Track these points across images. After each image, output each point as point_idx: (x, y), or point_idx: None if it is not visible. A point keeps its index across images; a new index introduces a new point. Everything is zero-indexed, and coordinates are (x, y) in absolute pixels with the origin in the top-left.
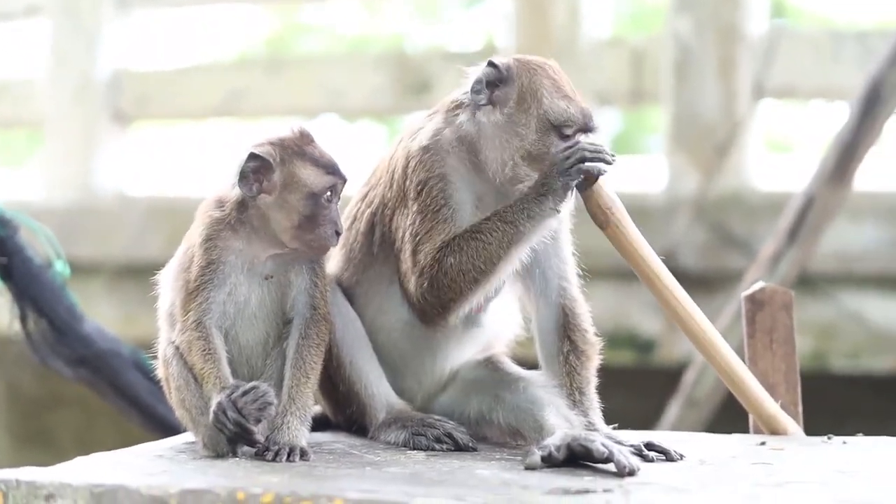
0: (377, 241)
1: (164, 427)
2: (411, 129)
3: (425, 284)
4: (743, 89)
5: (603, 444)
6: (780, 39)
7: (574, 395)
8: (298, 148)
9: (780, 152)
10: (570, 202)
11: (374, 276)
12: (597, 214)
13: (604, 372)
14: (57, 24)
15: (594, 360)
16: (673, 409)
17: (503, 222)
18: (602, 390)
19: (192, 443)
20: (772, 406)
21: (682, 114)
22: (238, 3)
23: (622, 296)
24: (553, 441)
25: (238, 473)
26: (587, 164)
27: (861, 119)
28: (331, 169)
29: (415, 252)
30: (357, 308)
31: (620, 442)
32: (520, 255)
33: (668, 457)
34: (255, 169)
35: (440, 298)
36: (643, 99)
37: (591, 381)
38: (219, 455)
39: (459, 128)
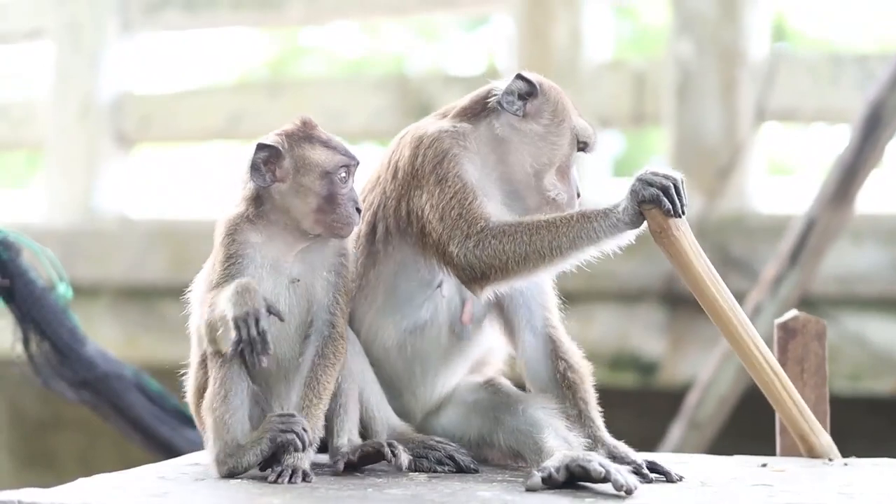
0: (380, 238)
1: (167, 449)
2: (415, 128)
3: (471, 245)
4: (744, 112)
5: (600, 464)
6: (781, 62)
7: (579, 406)
8: (304, 133)
9: (782, 175)
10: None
11: (370, 285)
12: (653, 228)
13: (606, 394)
14: (60, 46)
15: (590, 379)
16: (675, 431)
17: (582, 219)
18: (605, 412)
19: (196, 464)
20: (809, 427)
21: (684, 136)
22: (239, 26)
23: (624, 318)
24: (552, 463)
25: (239, 495)
26: (664, 197)
27: (862, 142)
28: (342, 150)
29: (451, 220)
30: (351, 325)
31: (624, 458)
32: (581, 257)
33: (668, 478)
34: (266, 159)
35: (484, 262)
36: (644, 121)
37: (593, 395)
38: (229, 474)
39: (488, 129)
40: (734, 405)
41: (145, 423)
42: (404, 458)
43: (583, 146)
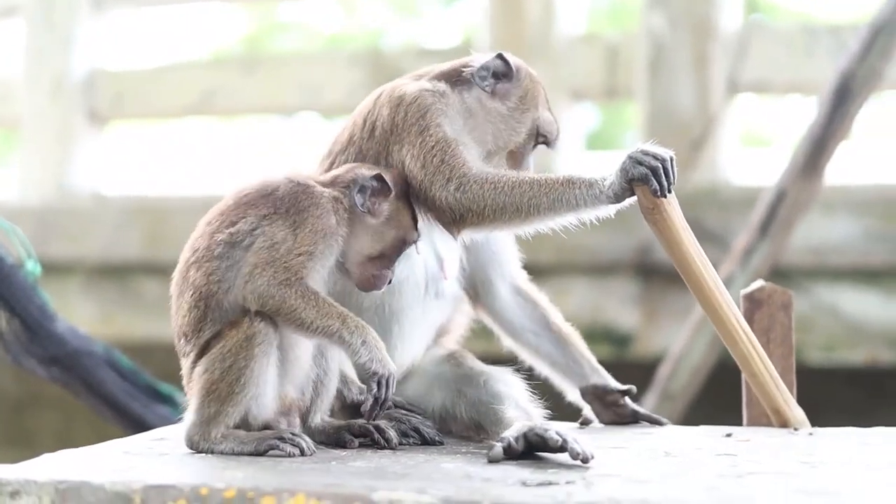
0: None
1: (139, 425)
2: (391, 87)
3: (452, 188)
4: (717, 84)
5: (557, 433)
6: (754, 34)
7: (571, 340)
8: (404, 190)
9: (758, 147)
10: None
11: None
12: (644, 204)
13: None
14: (32, 24)
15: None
16: (648, 403)
17: (567, 183)
18: None
19: (162, 439)
20: (783, 401)
21: (657, 109)
22: (214, 1)
23: (598, 291)
24: (511, 433)
25: (203, 469)
26: (653, 177)
27: (831, 113)
28: (417, 224)
29: (434, 167)
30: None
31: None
32: (558, 221)
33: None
34: (375, 190)
35: (463, 205)
36: (618, 95)
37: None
38: (199, 449)
39: (460, 96)
40: (706, 377)
41: (117, 399)
42: (392, 435)
43: (543, 139)
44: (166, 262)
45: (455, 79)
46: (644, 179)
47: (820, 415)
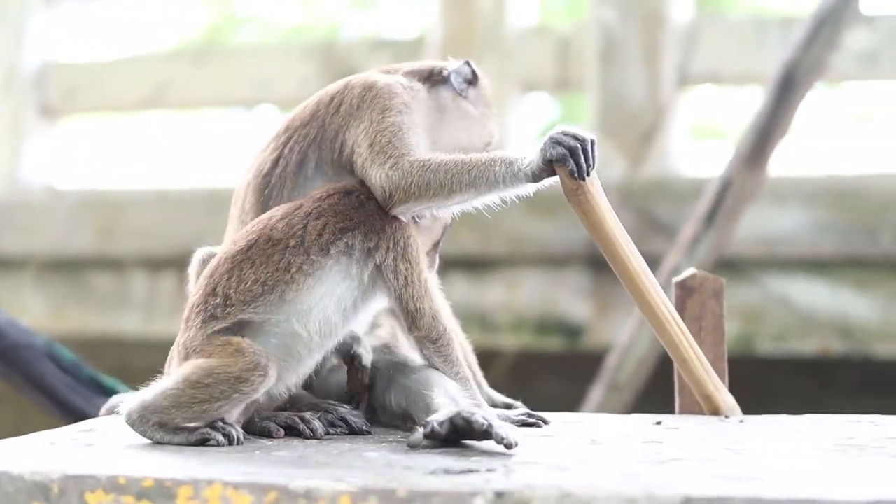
0: (311, 168)
1: (81, 418)
2: (364, 76)
3: (387, 166)
4: (668, 76)
5: (484, 417)
6: (705, 26)
7: (470, 363)
8: None
9: (710, 139)
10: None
11: None
12: (566, 186)
13: (533, 358)
14: None
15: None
16: (595, 394)
17: (488, 162)
18: (533, 375)
19: (89, 430)
20: (713, 387)
21: (608, 101)
22: None
23: (550, 282)
24: (437, 417)
25: (124, 459)
26: (571, 158)
27: (776, 103)
28: None
29: (380, 146)
30: None
31: (508, 415)
32: (480, 199)
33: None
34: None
35: (392, 182)
36: (569, 86)
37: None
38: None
39: (434, 95)
40: (653, 367)
41: (58, 392)
42: (318, 425)
43: (487, 144)
44: (119, 257)
45: (427, 77)
46: (562, 160)
47: (770, 405)
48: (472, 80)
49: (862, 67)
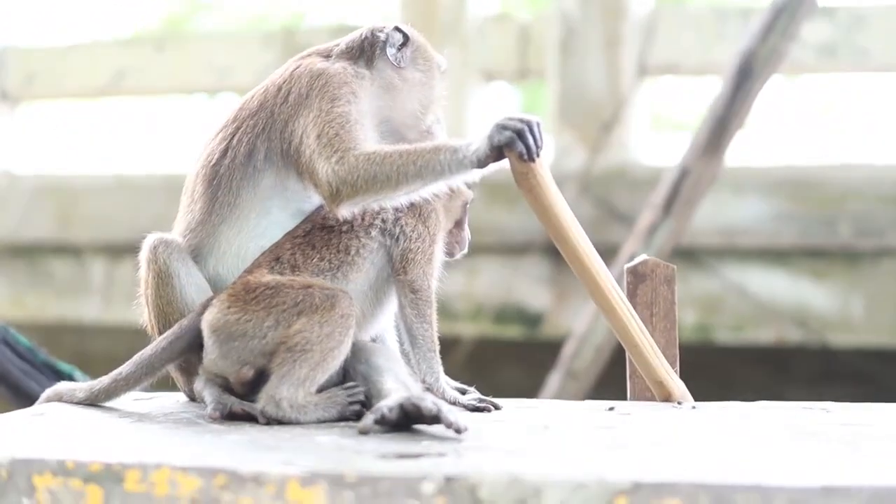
0: (260, 159)
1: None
2: (309, 63)
3: (333, 161)
4: (627, 66)
5: (433, 402)
6: (664, 17)
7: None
8: None
9: (669, 129)
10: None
11: (242, 206)
12: (516, 170)
13: (493, 345)
14: None
15: None
16: (553, 381)
17: (433, 151)
18: (491, 363)
19: (41, 414)
20: (665, 372)
21: (568, 91)
22: None
23: (510, 271)
24: (386, 402)
25: (73, 443)
26: (519, 140)
27: (733, 93)
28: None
29: (327, 138)
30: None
31: (459, 400)
32: (428, 189)
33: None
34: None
35: (339, 177)
36: (530, 76)
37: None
38: (285, 417)
39: (378, 75)
40: (610, 355)
41: (13, 378)
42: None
43: (443, 72)
44: (77, 243)
45: (366, 56)
46: (510, 144)
47: (728, 393)
48: (405, 42)
49: (820, 59)
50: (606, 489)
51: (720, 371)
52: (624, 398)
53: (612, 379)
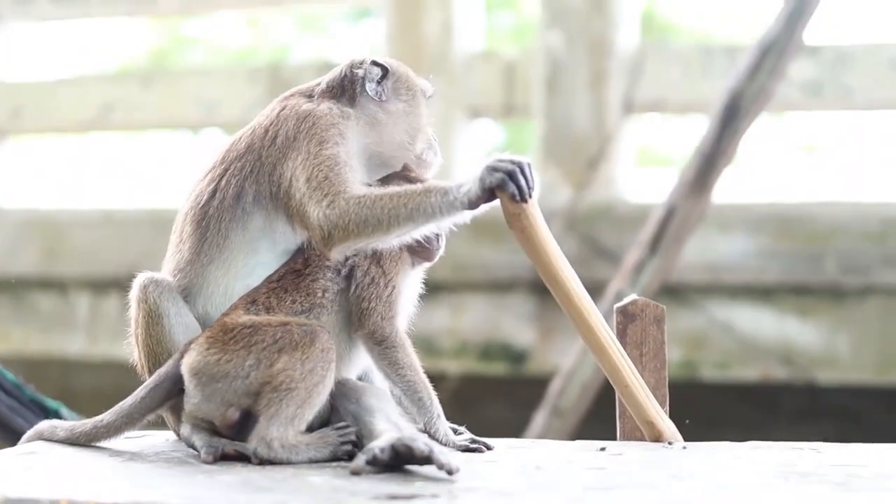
0: (249, 202)
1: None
2: (294, 104)
3: (324, 205)
4: (613, 103)
5: (425, 444)
6: (650, 54)
7: None
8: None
9: (656, 166)
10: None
11: (231, 248)
12: (508, 211)
13: (477, 382)
14: None
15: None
16: (539, 419)
17: (424, 193)
18: (477, 400)
19: (32, 452)
20: (655, 412)
21: (554, 127)
22: (112, 17)
23: (495, 308)
24: (378, 444)
25: (65, 482)
26: (510, 182)
27: (720, 131)
28: None
29: (317, 181)
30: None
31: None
32: (419, 231)
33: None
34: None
35: (331, 221)
36: (515, 112)
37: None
38: (276, 457)
39: (362, 113)
40: (597, 392)
41: (0, 414)
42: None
43: (429, 97)
44: (63, 277)
45: (348, 95)
46: (502, 185)
47: (713, 431)
48: (384, 74)
49: (806, 97)
50: None
51: (705, 408)
52: (611, 436)
53: (599, 417)
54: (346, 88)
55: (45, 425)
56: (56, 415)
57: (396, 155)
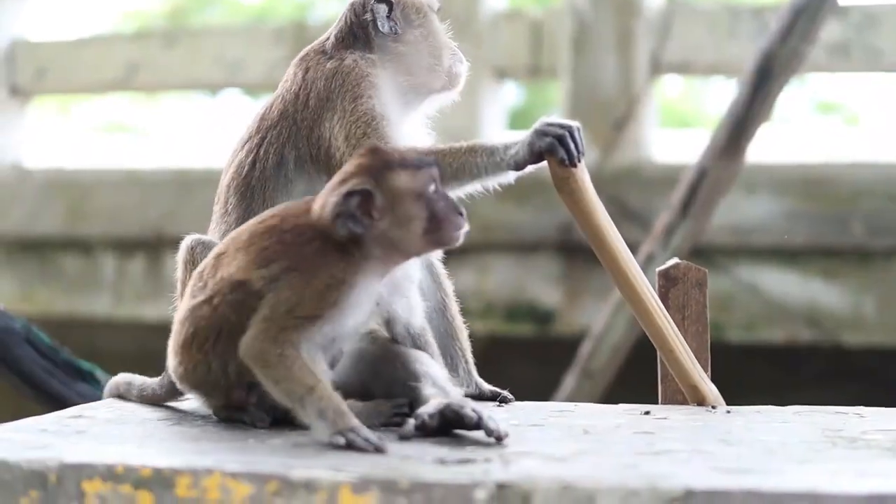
0: (290, 168)
1: (59, 403)
2: (316, 63)
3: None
4: (640, 64)
5: (474, 410)
6: (677, 14)
7: (463, 350)
8: (381, 162)
9: (681, 127)
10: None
11: None
12: (557, 176)
13: (503, 343)
14: None
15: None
16: (569, 381)
17: (469, 152)
18: (502, 361)
19: (79, 416)
20: (698, 376)
21: (580, 88)
22: None
23: (521, 268)
24: (426, 409)
25: (120, 447)
26: (560, 146)
27: (752, 93)
28: (419, 163)
29: (356, 139)
30: None
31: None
32: (463, 190)
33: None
34: (359, 204)
35: None
36: (542, 73)
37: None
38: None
39: (382, 54)
40: (627, 355)
41: (36, 377)
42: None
43: (438, 10)
44: (87, 238)
45: (364, 40)
46: (551, 149)
47: (739, 393)
48: (391, 7)
49: (833, 58)
50: (659, 497)
51: (732, 370)
52: (642, 398)
53: (628, 379)
54: (358, 35)
55: (120, 379)
56: (90, 377)
57: (429, 79)
